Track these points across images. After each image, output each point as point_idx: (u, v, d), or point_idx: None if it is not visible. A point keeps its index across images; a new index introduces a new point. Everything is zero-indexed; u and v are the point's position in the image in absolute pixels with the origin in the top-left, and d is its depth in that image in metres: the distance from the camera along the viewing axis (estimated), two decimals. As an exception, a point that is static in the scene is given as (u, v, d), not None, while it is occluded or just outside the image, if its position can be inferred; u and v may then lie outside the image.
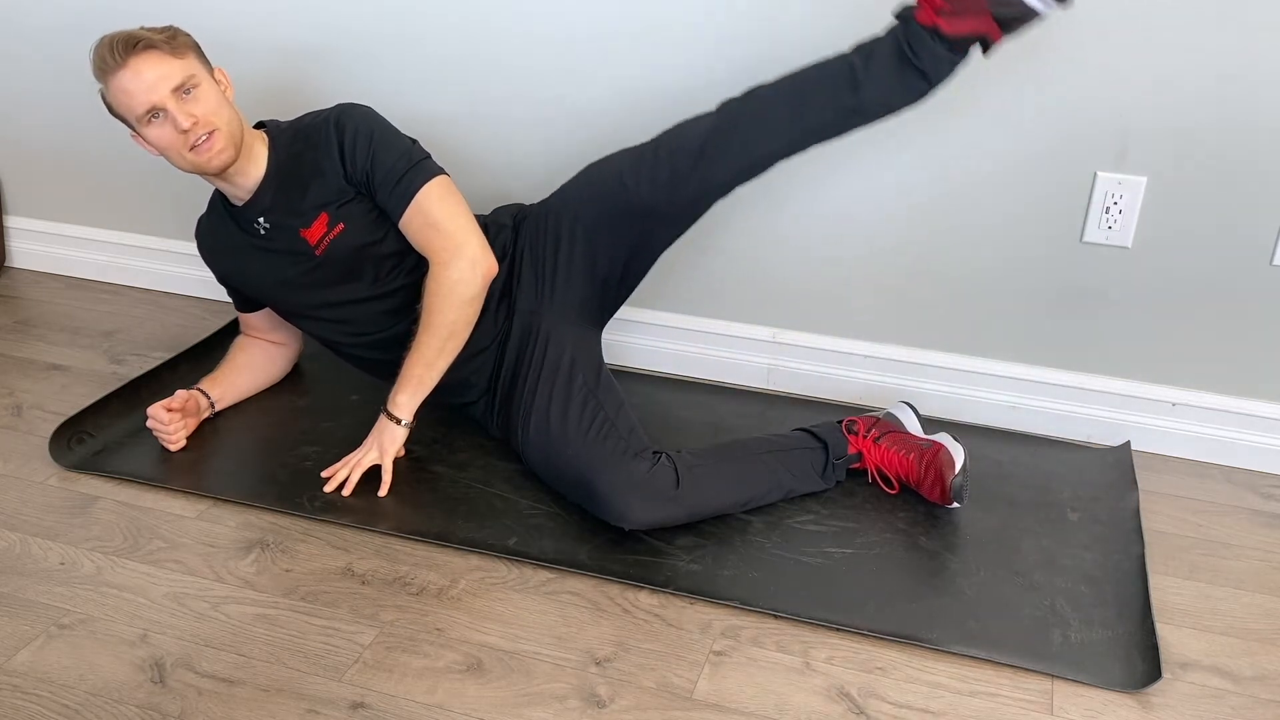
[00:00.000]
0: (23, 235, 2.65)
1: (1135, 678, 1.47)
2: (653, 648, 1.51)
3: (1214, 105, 1.80)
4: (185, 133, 1.71)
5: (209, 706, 1.39)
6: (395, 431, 1.81)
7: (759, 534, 1.72)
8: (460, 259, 1.76)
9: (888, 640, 1.53)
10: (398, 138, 1.82)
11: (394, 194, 1.79)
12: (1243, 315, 1.91)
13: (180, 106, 1.71)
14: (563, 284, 1.87)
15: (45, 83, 2.46)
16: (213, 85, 1.76)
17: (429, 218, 1.78)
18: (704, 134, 1.76)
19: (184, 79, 1.71)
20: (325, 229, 1.82)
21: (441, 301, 1.76)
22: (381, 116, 1.84)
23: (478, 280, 1.77)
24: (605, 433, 1.73)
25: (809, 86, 1.72)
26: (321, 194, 1.81)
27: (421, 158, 1.81)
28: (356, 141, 1.79)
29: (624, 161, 1.83)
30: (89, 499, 1.79)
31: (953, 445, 1.76)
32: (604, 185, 1.84)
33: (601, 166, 1.86)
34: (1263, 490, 1.93)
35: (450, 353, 1.79)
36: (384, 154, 1.79)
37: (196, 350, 2.24)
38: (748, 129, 1.74)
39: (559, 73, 2.08)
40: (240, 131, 1.78)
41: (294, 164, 1.82)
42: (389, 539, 1.70)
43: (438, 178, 1.80)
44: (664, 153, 1.79)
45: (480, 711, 1.39)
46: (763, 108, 1.74)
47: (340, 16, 2.17)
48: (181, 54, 1.73)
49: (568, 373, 1.79)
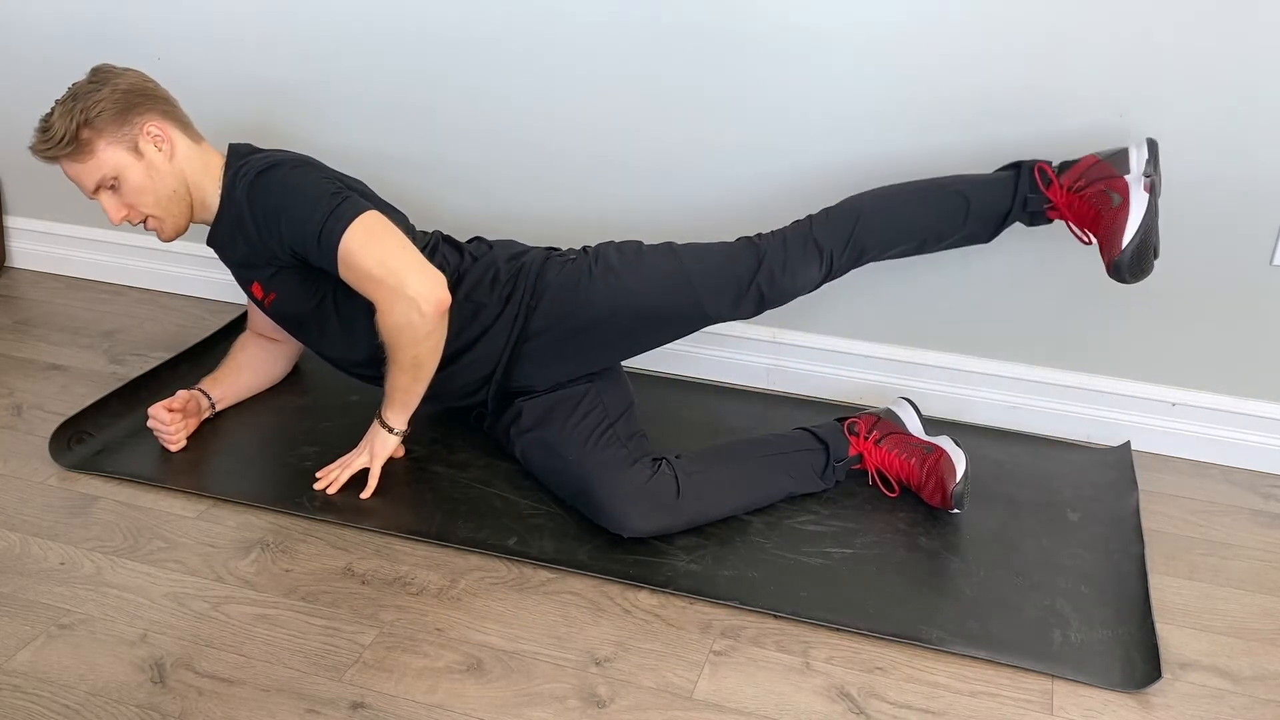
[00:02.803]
0: (23, 235, 2.64)
1: (1135, 678, 1.47)
2: (653, 648, 1.51)
3: (1214, 105, 1.80)
4: (115, 221, 1.75)
5: (209, 706, 1.39)
6: (387, 438, 1.80)
7: (759, 534, 1.72)
8: (400, 302, 1.63)
9: (888, 640, 1.53)
10: (310, 194, 1.68)
11: (321, 254, 1.67)
12: (1243, 315, 1.91)
13: (107, 200, 1.74)
14: (571, 364, 1.82)
15: (45, 83, 2.45)
16: (135, 167, 1.71)
17: (358, 269, 1.65)
18: (817, 279, 1.77)
19: (98, 181, 1.72)
20: (262, 294, 1.82)
21: (395, 344, 1.68)
22: (295, 172, 1.72)
23: (427, 318, 1.64)
24: (606, 439, 1.73)
25: (931, 237, 1.79)
26: (250, 264, 1.80)
27: (337, 203, 1.66)
28: (267, 220, 1.70)
29: (711, 297, 1.76)
30: (89, 499, 1.79)
31: (954, 451, 1.76)
32: (679, 307, 1.77)
33: (672, 277, 1.76)
34: (1263, 490, 1.93)
35: (425, 378, 1.74)
36: (297, 222, 1.67)
37: (196, 350, 2.24)
38: (868, 260, 1.80)
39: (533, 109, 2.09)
40: (180, 199, 1.76)
41: (234, 219, 1.76)
42: (389, 539, 1.70)
43: (357, 221, 1.64)
44: (769, 298, 1.76)
45: (480, 711, 1.39)
46: (883, 235, 1.77)
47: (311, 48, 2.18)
48: (86, 155, 1.70)
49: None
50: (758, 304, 1.77)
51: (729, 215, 2.04)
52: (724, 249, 1.79)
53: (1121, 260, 1.65)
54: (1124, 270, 1.66)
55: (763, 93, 1.98)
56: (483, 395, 1.84)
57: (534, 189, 2.18)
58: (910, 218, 1.78)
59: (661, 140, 2.06)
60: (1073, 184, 1.73)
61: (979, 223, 1.78)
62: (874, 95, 1.93)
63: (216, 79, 2.27)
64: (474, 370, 1.81)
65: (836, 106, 1.95)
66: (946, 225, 1.78)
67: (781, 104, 1.98)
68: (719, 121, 2.02)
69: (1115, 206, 1.66)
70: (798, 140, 1.99)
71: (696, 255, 1.78)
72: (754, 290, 1.75)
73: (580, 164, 2.13)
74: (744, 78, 1.97)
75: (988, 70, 1.86)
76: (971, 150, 1.91)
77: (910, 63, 1.89)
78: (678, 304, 1.77)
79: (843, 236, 1.76)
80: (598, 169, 2.12)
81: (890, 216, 1.78)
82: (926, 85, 1.90)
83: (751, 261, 1.76)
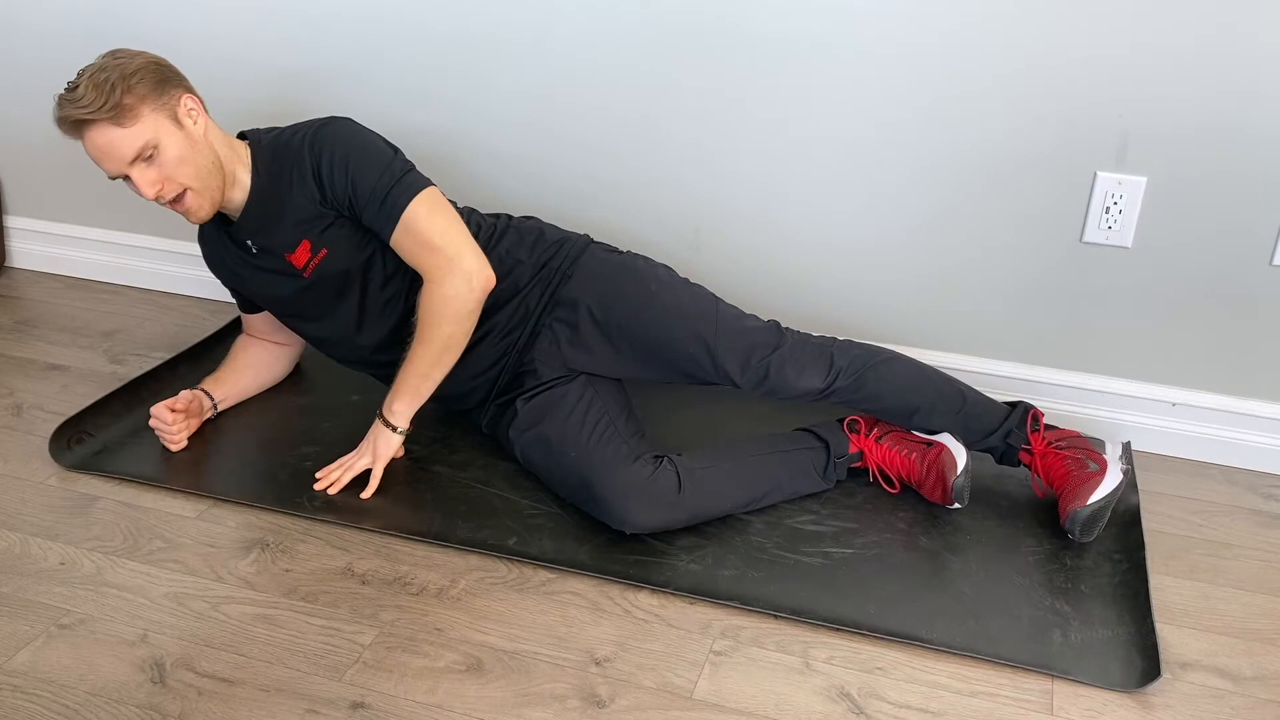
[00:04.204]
0: (23, 235, 2.65)
1: (1135, 678, 1.47)
2: (653, 648, 1.51)
3: (1214, 105, 1.80)
4: (149, 197, 1.67)
5: (209, 706, 1.39)
6: (390, 438, 1.80)
7: (759, 534, 1.72)
8: (454, 274, 1.70)
9: (888, 640, 1.53)
10: (378, 153, 1.74)
11: (380, 214, 1.72)
12: (1243, 315, 1.91)
13: (142, 174, 1.66)
14: (586, 354, 1.83)
15: (45, 83, 2.46)
16: (176, 136, 1.67)
17: (419, 236, 1.71)
18: (819, 389, 1.78)
19: (138, 150, 1.64)
20: (309, 254, 1.78)
21: (436, 317, 1.72)
22: (361, 129, 1.77)
23: (474, 294, 1.72)
24: (608, 436, 1.73)
25: (930, 410, 1.81)
26: (301, 219, 1.76)
27: (404, 171, 1.73)
28: (334, 166, 1.72)
29: (726, 354, 1.78)
30: (89, 499, 1.79)
31: (954, 445, 1.77)
32: (692, 355, 1.79)
33: (694, 325, 1.79)
34: (1263, 490, 1.93)
35: (446, 364, 1.76)
36: (364, 175, 1.71)
37: (196, 350, 2.24)
38: (857, 402, 1.82)
39: (549, 82, 2.09)
40: (217, 171, 1.72)
41: (273, 186, 1.76)
42: (389, 539, 1.70)
43: (424, 191, 1.72)
44: (773, 382, 1.78)
45: (480, 711, 1.39)
46: (880, 400, 1.81)
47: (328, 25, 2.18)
48: (129, 120, 1.63)
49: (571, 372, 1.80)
50: (758, 382, 1.79)
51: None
52: (755, 320, 1.84)
53: (1081, 512, 1.68)
54: (1079, 522, 1.69)
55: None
56: (495, 374, 1.84)
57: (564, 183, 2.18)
58: (917, 386, 1.82)
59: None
60: (1055, 440, 1.80)
61: (963, 425, 1.81)
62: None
63: (215, 73, 2.27)
64: (498, 343, 1.82)
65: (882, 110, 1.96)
66: (939, 409, 1.81)
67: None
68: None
69: (1090, 471, 1.73)
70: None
71: (731, 311, 1.84)
72: (762, 366, 1.78)
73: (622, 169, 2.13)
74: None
75: (988, 69, 1.87)
76: (975, 149, 1.92)
77: (914, 63, 1.90)
78: (697, 335, 1.78)
79: (856, 367, 1.80)
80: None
81: (902, 372, 1.83)
82: (934, 86, 1.91)
83: (773, 341, 1.80)
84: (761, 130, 2.02)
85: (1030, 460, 1.81)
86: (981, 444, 1.83)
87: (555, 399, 1.78)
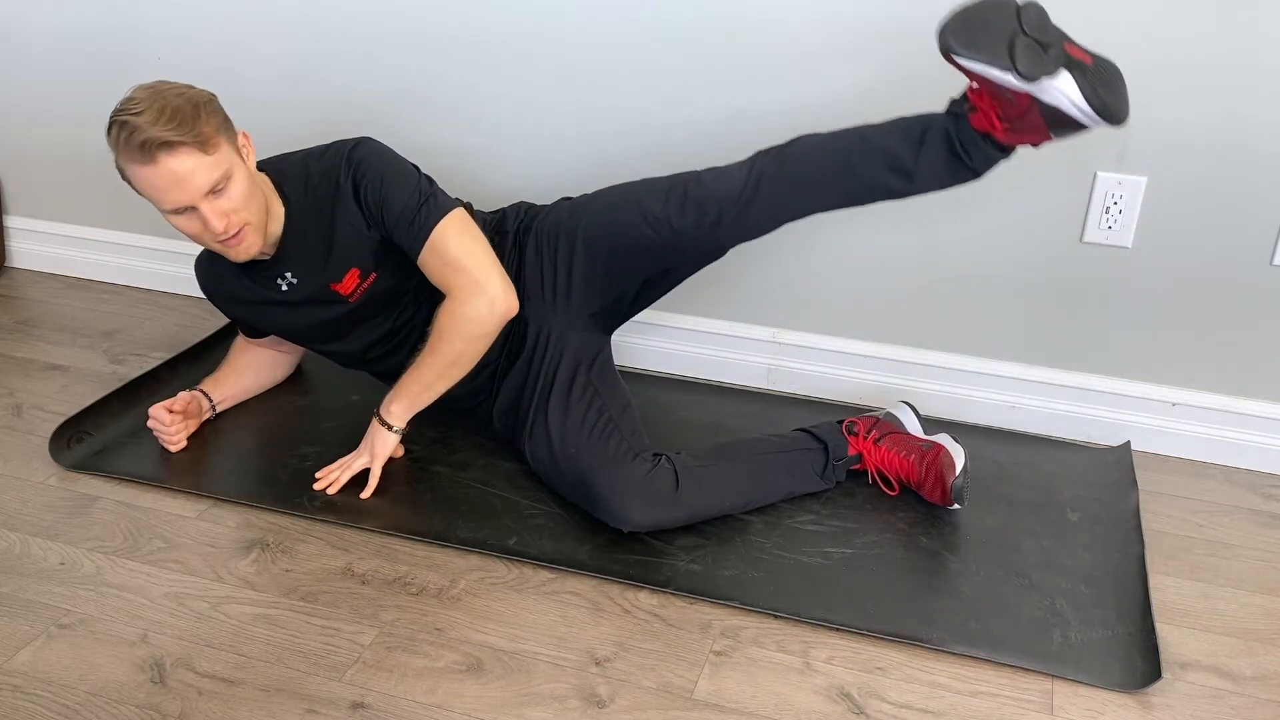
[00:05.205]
0: (23, 235, 2.65)
1: (1135, 678, 1.47)
2: (653, 648, 1.51)
3: (1214, 105, 1.80)
4: (218, 231, 1.62)
5: (209, 706, 1.39)
6: (387, 437, 1.80)
7: (759, 534, 1.72)
8: (479, 297, 1.70)
9: (888, 640, 1.53)
10: (406, 173, 1.74)
11: (409, 233, 1.71)
12: (1243, 315, 1.91)
13: (213, 206, 1.61)
14: (575, 299, 1.83)
15: (46, 83, 2.46)
16: (242, 170, 1.64)
17: (447, 257, 1.71)
18: (740, 184, 1.67)
19: (215, 180, 1.59)
20: (359, 280, 1.77)
21: (452, 332, 1.72)
22: (387, 149, 1.76)
23: (494, 320, 1.72)
24: (608, 433, 1.73)
25: (857, 159, 1.64)
26: (349, 247, 1.74)
27: (432, 194, 1.73)
28: (370, 184, 1.71)
29: (649, 199, 1.74)
30: (89, 499, 1.79)
31: (953, 446, 1.77)
32: (625, 217, 1.75)
33: (623, 196, 1.78)
34: (1263, 490, 1.93)
35: (451, 378, 1.76)
36: (395, 193, 1.71)
37: (196, 350, 2.24)
38: (789, 186, 1.67)
39: (572, 87, 2.09)
40: (266, 209, 1.70)
41: (314, 217, 1.74)
42: (389, 539, 1.70)
43: (453, 212, 1.72)
44: (694, 196, 1.70)
45: (480, 711, 1.39)
46: (807, 169, 1.66)
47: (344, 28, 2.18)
48: (213, 148, 1.59)
49: (571, 371, 1.79)
50: (681, 201, 1.70)
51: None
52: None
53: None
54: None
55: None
56: (495, 357, 1.84)
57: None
58: (835, 136, 1.68)
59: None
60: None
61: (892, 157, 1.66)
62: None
63: (217, 81, 2.27)
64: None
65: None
66: (873, 145, 1.66)
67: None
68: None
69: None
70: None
71: (638, 186, 1.80)
72: (680, 186, 1.71)
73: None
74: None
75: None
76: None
77: (896, 50, 1.90)
78: (628, 208, 1.75)
79: (777, 148, 1.69)
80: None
81: (820, 135, 1.69)
82: (935, 85, 1.91)
83: (689, 174, 1.74)
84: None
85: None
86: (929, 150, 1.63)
87: (557, 395, 1.78)
